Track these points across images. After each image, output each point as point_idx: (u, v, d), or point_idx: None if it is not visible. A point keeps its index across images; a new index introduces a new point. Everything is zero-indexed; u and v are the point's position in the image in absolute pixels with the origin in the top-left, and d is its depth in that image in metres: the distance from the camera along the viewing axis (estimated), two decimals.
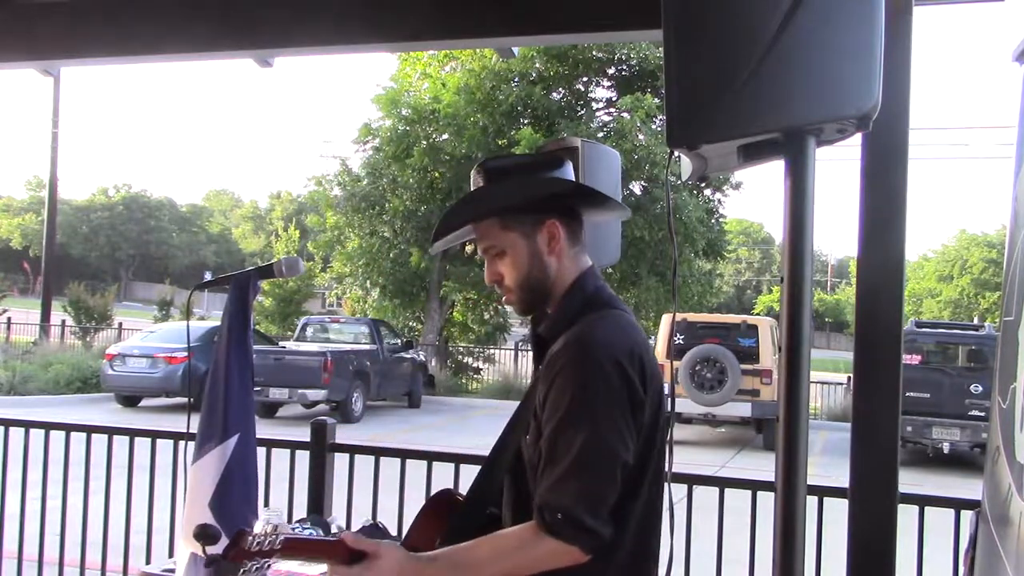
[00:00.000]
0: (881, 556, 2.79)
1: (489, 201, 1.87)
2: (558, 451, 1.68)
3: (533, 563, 1.69)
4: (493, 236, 1.86)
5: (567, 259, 1.87)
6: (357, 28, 3.38)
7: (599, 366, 1.70)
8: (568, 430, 1.67)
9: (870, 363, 2.82)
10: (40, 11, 3.63)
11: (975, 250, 50.74)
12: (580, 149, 3.14)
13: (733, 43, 1.48)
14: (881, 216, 2.80)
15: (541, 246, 1.84)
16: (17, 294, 43.06)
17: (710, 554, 3.49)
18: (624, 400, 1.70)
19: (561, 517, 1.65)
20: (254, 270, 2.78)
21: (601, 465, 1.67)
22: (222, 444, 2.66)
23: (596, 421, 1.67)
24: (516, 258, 1.85)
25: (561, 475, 1.66)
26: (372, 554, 1.67)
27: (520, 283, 1.86)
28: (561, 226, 1.85)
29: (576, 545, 1.65)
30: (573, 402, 1.68)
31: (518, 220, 1.84)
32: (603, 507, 1.67)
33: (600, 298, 1.85)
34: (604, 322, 1.79)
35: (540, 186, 1.88)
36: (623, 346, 1.74)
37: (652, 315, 20.94)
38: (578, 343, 1.73)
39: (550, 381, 1.73)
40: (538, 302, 1.88)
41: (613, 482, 1.68)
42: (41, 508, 4.31)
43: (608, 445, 1.67)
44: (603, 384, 1.69)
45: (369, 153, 22.20)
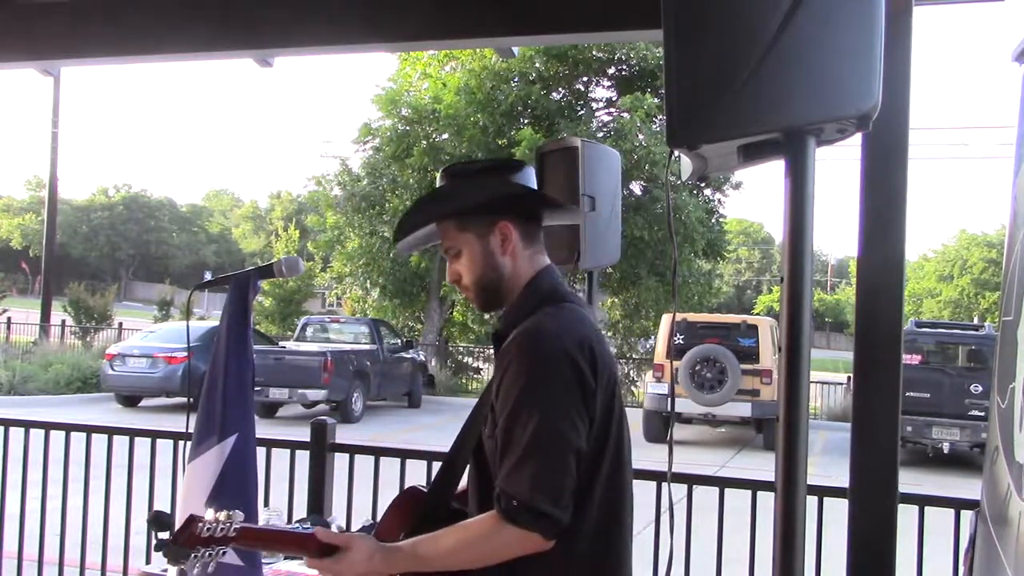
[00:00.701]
0: (881, 556, 2.79)
1: (443, 203, 1.96)
2: (512, 440, 1.73)
3: (496, 551, 1.73)
4: (451, 237, 1.94)
5: (522, 259, 1.93)
6: (357, 28, 3.38)
7: (549, 356, 1.75)
8: (520, 419, 1.72)
9: (870, 363, 2.82)
10: (40, 11, 3.63)
11: (975, 250, 50.75)
12: (580, 149, 3.15)
13: (733, 43, 1.48)
14: (881, 216, 2.80)
15: (494, 246, 1.91)
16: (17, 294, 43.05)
17: (710, 554, 3.49)
18: (575, 388, 1.75)
19: (517, 504, 1.69)
20: (254, 270, 2.78)
21: (554, 451, 1.71)
22: (220, 443, 2.65)
23: (547, 409, 1.72)
24: (471, 258, 1.92)
25: (515, 463, 1.71)
26: (343, 546, 1.74)
27: (475, 282, 1.93)
28: (514, 227, 1.92)
29: (535, 531, 1.69)
30: (524, 392, 1.73)
31: (472, 221, 1.92)
32: (559, 493, 1.70)
33: (555, 294, 1.91)
34: (555, 315, 1.84)
35: (490, 189, 1.94)
36: (573, 337, 1.79)
37: (652, 315, 20.95)
38: (528, 335, 1.79)
39: (502, 372, 1.78)
40: (494, 300, 1.95)
41: (567, 468, 1.71)
42: (41, 508, 4.31)
43: (559, 432, 1.71)
44: (553, 373, 1.74)
45: (369, 153, 22.20)
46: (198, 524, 1.72)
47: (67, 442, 4.32)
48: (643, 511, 3.58)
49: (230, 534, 1.73)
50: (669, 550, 1.99)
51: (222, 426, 2.66)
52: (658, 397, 14.19)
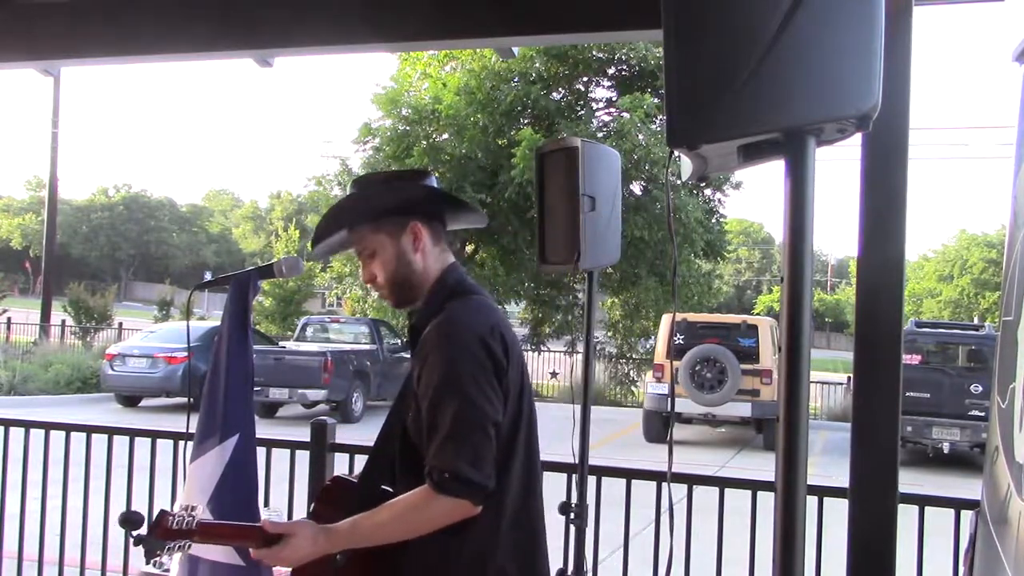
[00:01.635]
0: (881, 556, 2.79)
1: (360, 206, 2.10)
2: (437, 420, 1.89)
3: (430, 520, 1.89)
4: (365, 239, 2.09)
5: (431, 257, 2.10)
6: (357, 28, 3.38)
7: (463, 342, 1.93)
8: (443, 401, 1.89)
9: (870, 363, 2.82)
10: (40, 11, 3.63)
11: (975, 250, 50.73)
12: (580, 149, 3.14)
13: (733, 43, 1.48)
14: (881, 216, 2.80)
15: (406, 245, 2.07)
16: (17, 294, 43.06)
17: (710, 554, 3.49)
18: (488, 368, 1.92)
19: (448, 476, 1.85)
20: (254, 270, 2.78)
21: (475, 426, 1.89)
22: (222, 444, 2.66)
23: (465, 389, 1.89)
24: (385, 257, 2.07)
25: (442, 440, 1.88)
26: (287, 533, 1.88)
27: (389, 279, 2.08)
28: (424, 227, 2.08)
29: (465, 498, 1.86)
30: (444, 376, 1.90)
31: (386, 223, 2.07)
32: (483, 462, 1.88)
33: (462, 287, 2.08)
34: (465, 305, 2.02)
35: (402, 191, 2.12)
36: (484, 324, 1.97)
37: (652, 315, 20.94)
38: (443, 325, 1.96)
39: (422, 361, 1.95)
40: (408, 296, 2.11)
41: (488, 439, 1.90)
42: (41, 508, 4.31)
43: (478, 407, 1.89)
44: (468, 357, 1.92)
45: (369, 153, 22.18)
46: (168, 517, 1.83)
47: (67, 442, 4.32)
48: (643, 511, 3.60)
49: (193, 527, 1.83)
50: (669, 550, 2.00)
51: (223, 426, 2.67)
52: (658, 397, 14.19)
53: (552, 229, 3.13)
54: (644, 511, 3.51)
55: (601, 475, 3.61)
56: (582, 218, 3.00)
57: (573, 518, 3.10)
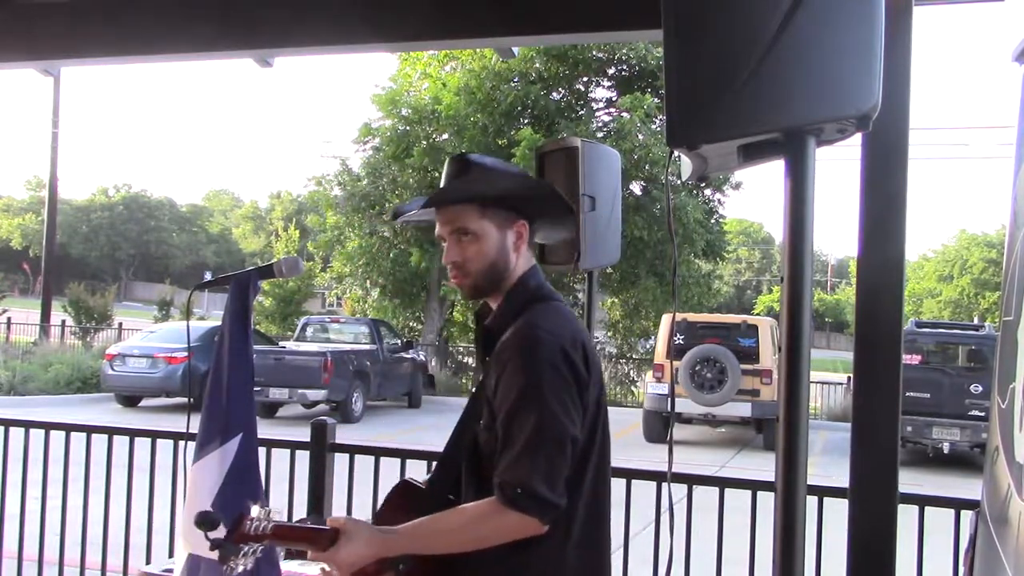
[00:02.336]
0: (881, 556, 2.79)
1: (487, 185, 2.00)
2: (514, 432, 1.81)
3: (495, 534, 1.81)
4: (468, 220, 1.96)
5: (522, 258, 2.02)
6: (357, 28, 3.38)
7: (545, 352, 1.84)
8: (522, 412, 1.81)
9: (870, 363, 2.81)
10: (40, 11, 3.63)
11: (975, 250, 50.74)
12: (580, 149, 3.15)
13: (733, 43, 1.48)
14: (881, 216, 2.79)
15: (508, 241, 1.99)
16: (17, 294, 43.07)
17: (710, 554, 3.49)
18: (570, 381, 1.85)
19: (521, 491, 1.77)
20: (254, 270, 2.78)
21: (553, 442, 1.80)
22: (224, 444, 2.65)
23: (546, 402, 1.81)
24: (485, 246, 1.97)
25: (518, 453, 1.79)
26: (343, 532, 1.79)
27: (483, 270, 1.98)
28: (527, 229, 2.01)
29: (535, 516, 1.78)
30: (525, 386, 1.82)
31: (496, 212, 1.97)
32: (557, 480, 1.80)
33: (541, 293, 2.00)
34: (547, 313, 1.94)
35: (529, 183, 2.03)
36: (566, 333, 1.89)
37: (652, 315, 20.95)
38: (526, 332, 1.87)
39: (500, 369, 1.86)
40: (489, 289, 2.01)
41: (564, 457, 1.81)
42: (41, 508, 4.31)
43: (559, 423, 1.81)
44: (551, 368, 1.83)
45: (369, 153, 22.19)
46: (246, 521, 1.77)
47: (67, 442, 4.32)
48: (643, 511, 3.60)
49: (267, 531, 1.77)
50: (669, 550, 2.00)
51: (226, 427, 2.66)
52: (658, 397, 14.19)
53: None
54: (644, 511, 3.51)
55: None
56: (582, 218, 3.00)
57: None
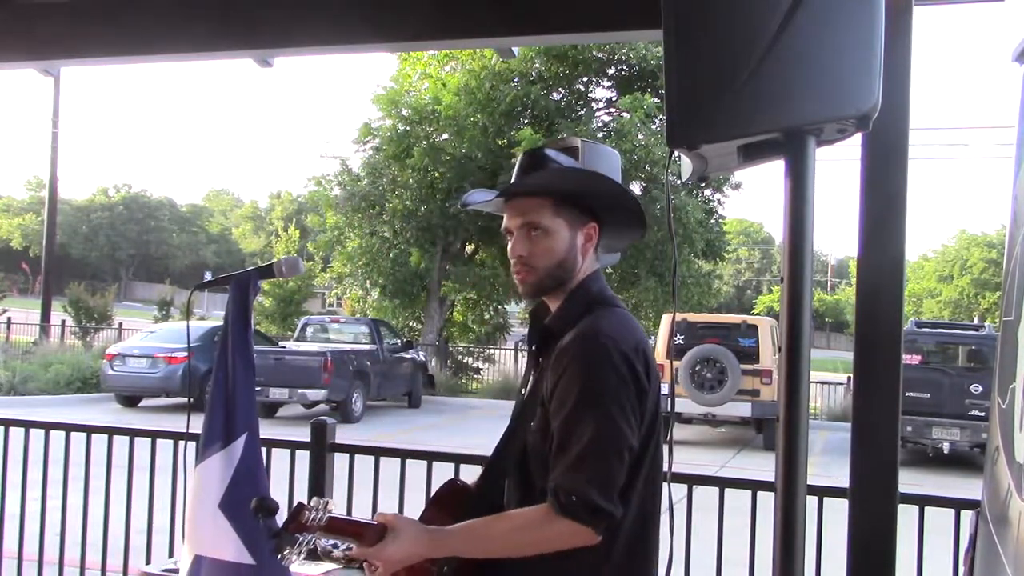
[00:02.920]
0: (881, 556, 2.79)
1: (567, 181, 1.97)
2: (571, 438, 1.77)
3: (546, 542, 1.77)
4: (541, 215, 1.93)
5: (588, 261, 1.98)
6: (357, 28, 3.38)
7: (608, 358, 1.80)
8: (581, 418, 1.76)
9: (870, 363, 2.81)
10: (40, 11, 3.63)
11: (975, 250, 50.73)
12: (580, 149, 3.13)
13: (733, 43, 1.48)
14: (881, 216, 2.79)
15: (578, 241, 1.95)
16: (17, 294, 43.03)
17: (710, 554, 3.49)
18: (630, 389, 1.80)
19: (576, 499, 1.73)
20: (254, 270, 2.78)
21: (611, 451, 1.77)
22: (230, 445, 2.65)
23: (606, 409, 1.77)
24: (556, 243, 1.93)
25: (575, 460, 1.75)
26: (390, 528, 1.76)
27: (549, 267, 1.94)
28: (597, 232, 1.98)
29: (589, 525, 1.74)
30: (584, 392, 1.78)
31: (569, 210, 1.94)
32: (613, 489, 1.76)
33: (604, 297, 1.96)
34: (610, 318, 1.89)
35: (608, 184, 1.99)
36: (629, 340, 1.85)
37: (651, 315, 20.93)
38: (588, 337, 1.83)
39: (560, 372, 1.82)
40: (551, 288, 1.97)
41: (622, 466, 1.78)
42: (41, 508, 4.31)
43: (618, 432, 1.77)
44: (612, 374, 1.79)
45: (369, 153, 22.19)
46: (305, 512, 1.74)
47: (67, 442, 4.32)
48: None
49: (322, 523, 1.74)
50: (669, 550, 2.00)
51: (231, 427, 2.66)
52: None
53: None
54: None
55: None
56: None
57: None
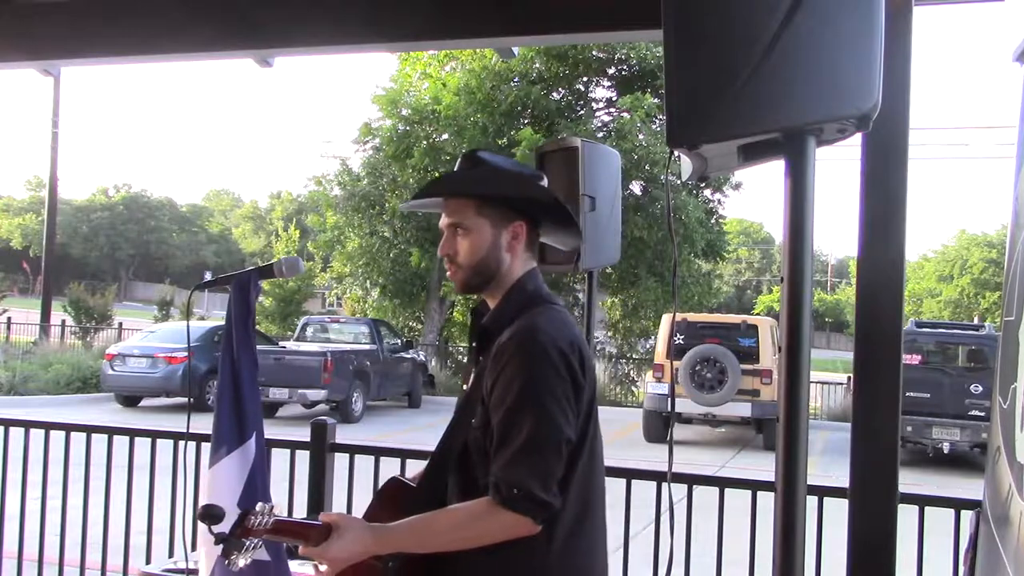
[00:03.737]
0: (881, 556, 2.79)
1: (481, 183, 2.02)
2: (511, 432, 1.83)
3: (488, 534, 1.84)
4: (464, 215, 1.99)
5: (519, 259, 2.03)
6: (357, 28, 3.38)
7: (545, 355, 1.86)
8: (520, 413, 1.83)
9: (870, 363, 2.81)
10: (40, 11, 3.63)
11: (975, 250, 50.71)
12: (580, 149, 3.15)
13: (733, 43, 1.48)
14: (881, 216, 2.80)
15: (503, 240, 2.00)
16: (17, 294, 43.06)
17: (710, 554, 3.49)
18: (567, 384, 1.87)
19: (517, 492, 1.80)
20: (254, 270, 2.78)
21: (550, 444, 1.84)
22: (243, 445, 2.65)
23: (545, 404, 1.84)
24: (477, 242, 1.99)
25: (515, 454, 1.82)
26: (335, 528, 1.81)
27: (472, 265, 2.00)
28: (526, 230, 2.02)
29: (529, 516, 1.81)
30: (523, 387, 1.84)
31: (493, 210, 1.99)
32: (553, 481, 1.83)
33: (540, 295, 2.02)
34: (546, 316, 1.95)
35: (527, 188, 2.05)
36: (565, 337, 1.91)
37: (652, 315, 20.94)
38: (525, 334, 1.89)
39: (499, 369, 1.88)
40: (479, 285, 2.03)
41: (560, 458, 1.85)
42: (41, 508, 4.31)
43: (555, 425, 1.84)
44: (550, 370, 1.86)
45: (369, 153, 22.19)
46: (251, 517, 1.78)
47: (67, 442, 4.32)
48: (643, 511, 3.59)
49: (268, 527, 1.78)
50: (669, 550, 2.00)
51: (243, 427, 2.66)
52: (658, 397, 14.19)
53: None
54: (644, 511, 3.51)
55: None
56: (582, 218, 3.00)
57: None
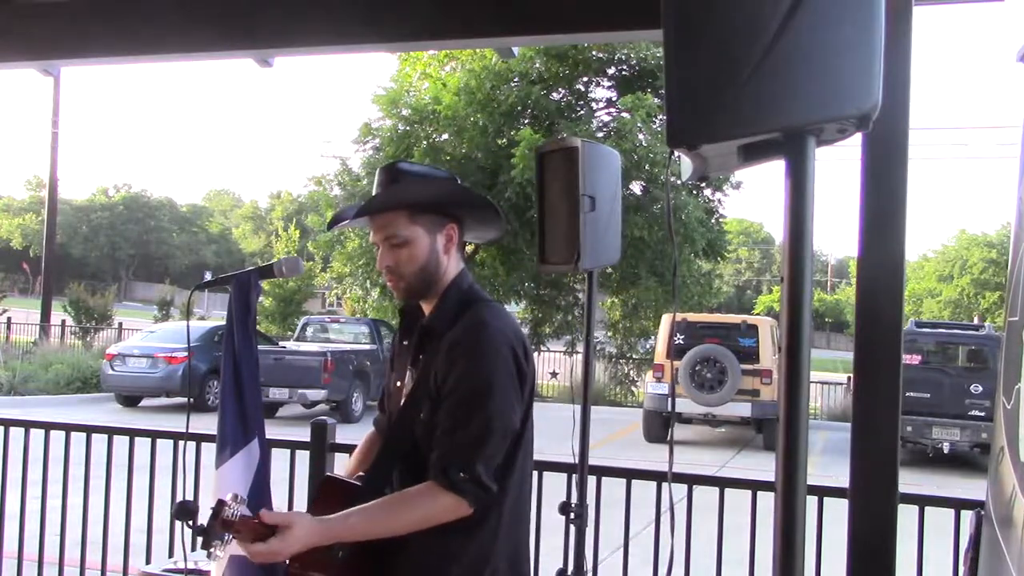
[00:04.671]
0: (881, 556, 2.79)
1: (415, 192, 2.08)
2: (462, 419, 1.93)
3: (426, 517, 1.91)
4: (399, 226, 2.05)
5: (453, 260, 2.11)
6: (357, 28, 3.38)
7: (496, 347, 1.96)
8: (471, 401, 1.93)
9: (870, 363, 2.81)
10: (40, 11, 3.63)
11: (975, 250, 50.70)
12: (580, 149, 3.14)
13: (733, 43, 1.48)
14: (881, 216, 2.79)
15: (439, 244, 2.08)
16: (17, 294, 43.07)
17: (710, 554, 3.49)
18: (514, 376, 1.97)
19: (464, 476, 1.89)
20: (254, 270, 2.78)
21: (498, 432, 1.93)
22: (248, 445, 2.66)
23: (496, 395, 1.93)
24: (416, 250, 2.06)
25: (464, 440, 1.91)
26: (283, 525, 1.83)
27: (415, 273, 2.07)
28: (457, 231, 2.11)
29: (469, 499, 1.90)
30: (475, 378, 1.94)
31: (426, 217, 2.07)
32: (494, 468, 1.93)
33: (475, 292, 2.12)
34: (491, 310, 2.04)
35: (456, 191, 2.12)
36: (510, 330, 2.02)
37: (652, 315, 20.92)
38: (476, 328, 1.98)
39: (451, 362, 1.96)
40: (423, 291, 2.10)
41: (504, 446, 1.95)
42: (41, 508, 4.31)
43: (505, 415, 1.94)
44: (500, 362, 1.95)
45: (369, 153, 22.18)
46: (225, 508, 1.80)
47: (67, 442, 4.32)
48: (643, 511, 3.60)
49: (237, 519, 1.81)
50: (670, 550, 2.00)
51: (247, 427, 2.67)
52: (658, 397, 14.19)
53: (552, 229, 3.13)
54: (644, 511, 3.51)
55: (601, 475, 3.61)
56: (582, 218, 2.99)
57: (573, 518, 3.10)
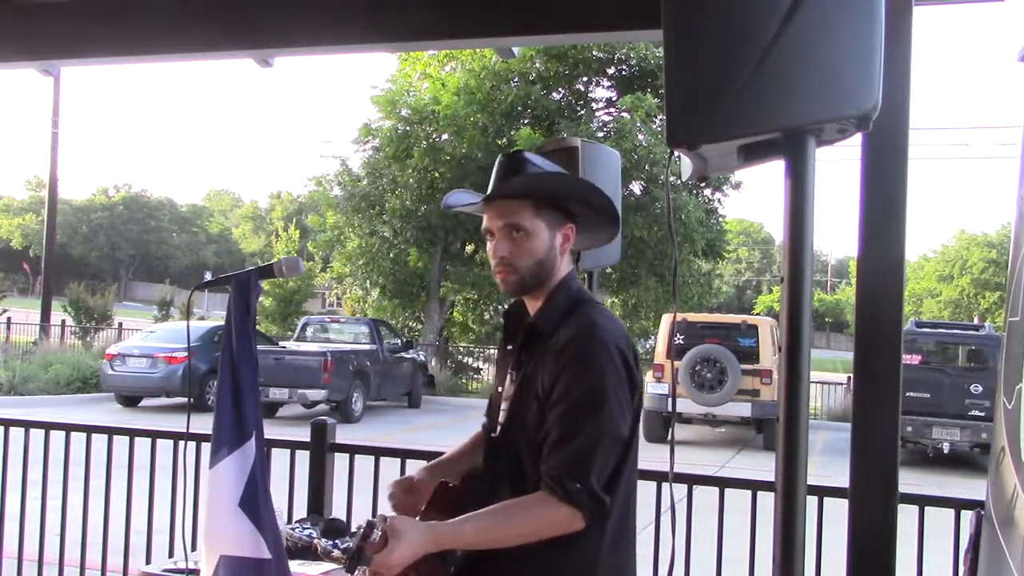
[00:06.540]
0: (881, 556, 2.79)
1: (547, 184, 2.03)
2: (573, 429, 1.85)
3: (539, 529, 1.85)
4: (523, 216, 1.99)
5: (565, 261, 2.06)
6: (357, 28, 3.38)
7: (608, 353, 1.89)
8: (585, 409, 1.86)
9: (870, 363, 2.81)
10: (40, 11, 3.63)
11: (975, 250, 50.73)
12: (580, 149, 3.15)
13: (733, 43, 1.48)
14: (881, 216, 2.79)
15: (557, 242, 2.03)
16: (17, 294, 43.07)
17: (710, 554, 3.49)
18: (625, 383, 1.91)
19: (580, 487, 1.82)
20: (254, 270, 2.77)
21: (610, 441, 1.87)
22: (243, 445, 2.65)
23: (607, 403, 1.86)
24: (536, 244, 2.00)
25: (578, 449, 1.84)
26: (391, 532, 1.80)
27: (530, 267, 2.01)
28: (574, 232, 2.06)
29: (586, 512, 1.83)
30: (587, 385, 1.86)
31: (548, 212, 2.01)
32: (606, 479, 1.86)
33: (584, 295, 2.06)
34: (601, 315, 1.98)
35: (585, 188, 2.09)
36: (620, 336, 1.95)
37: (651, 315, 20.94)
38: (588, 333, 1.91)
39: (561, 367, 1.89)
40: (532, 286, 2.04)
41: (615, 457, 1.88)
42: (41, 508, 4.31)
43: (616, 423, 1.87)
44: (611, 369, 1.88)
45: (369, 153, 22.19)
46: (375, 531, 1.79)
47: (67, 442, 4.32)
48: (643, 511, 3.58)
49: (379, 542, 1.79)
50: (670, 550, 2.00)
51: (243, 427, 2.66)
52: (658, 397, 14.18)
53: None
54: (644, 511, 3.49)
55: None
56: None
57: None
